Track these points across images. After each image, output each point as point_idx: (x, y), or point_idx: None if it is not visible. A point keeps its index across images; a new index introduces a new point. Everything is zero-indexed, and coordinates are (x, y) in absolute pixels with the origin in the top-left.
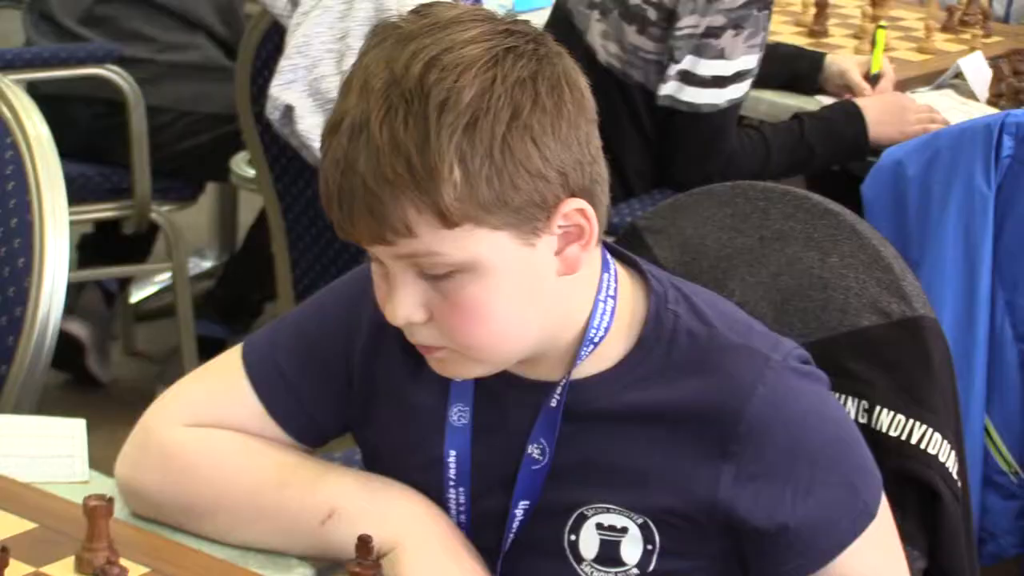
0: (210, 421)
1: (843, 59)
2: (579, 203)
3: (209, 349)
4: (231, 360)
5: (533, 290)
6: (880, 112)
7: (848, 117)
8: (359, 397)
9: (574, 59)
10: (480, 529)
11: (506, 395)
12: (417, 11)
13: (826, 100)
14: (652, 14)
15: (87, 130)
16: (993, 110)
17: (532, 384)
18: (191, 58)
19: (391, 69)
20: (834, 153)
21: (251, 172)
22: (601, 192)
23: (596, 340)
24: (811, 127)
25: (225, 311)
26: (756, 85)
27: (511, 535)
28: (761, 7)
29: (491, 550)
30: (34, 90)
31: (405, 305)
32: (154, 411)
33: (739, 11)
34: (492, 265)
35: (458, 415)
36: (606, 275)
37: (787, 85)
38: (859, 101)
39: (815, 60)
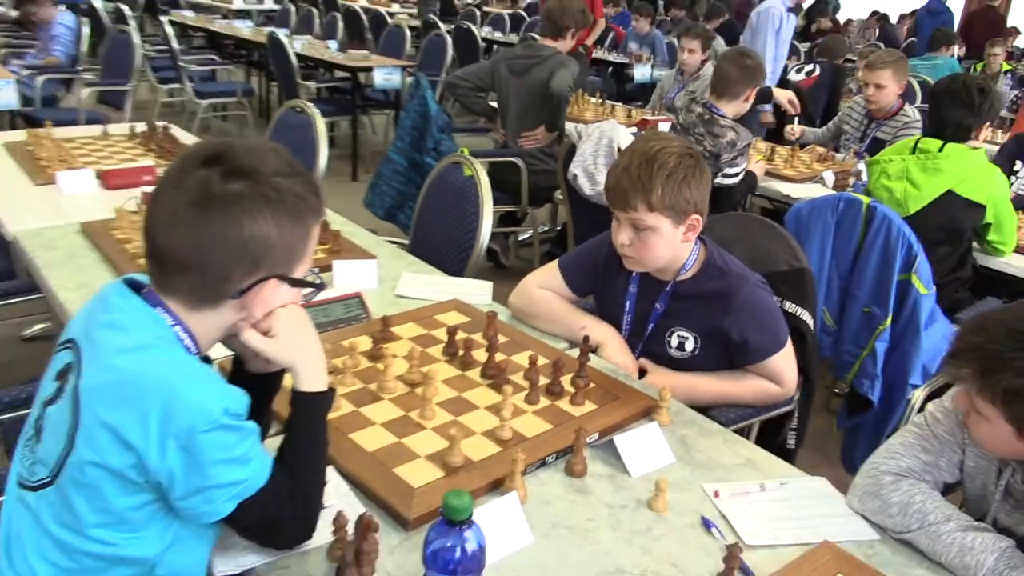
0: (545, 286)
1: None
2: (699, 217)
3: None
4: (553, 265)
5: (671, 243)
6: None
7: (748, 177)
8: (600, 279)
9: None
10: (632, 335)
11: (649, 283)
12: (647, 138)
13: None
14: (711, 157)
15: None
16: (833, 191)
17: (660, 281)
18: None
19: (642, 150)
20: (747, 188)
21: (560, 197)
22: (705, 215)
23: (687, 267)
24: (743, 180)
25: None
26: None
27: (647, 335)
28: (746, 148)
29: (636, 346)
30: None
31: (624, 235)
32: (527, 279)
33: (739, 150)
34: (661, 230)
35: (632, 287)
36: (698, 243)
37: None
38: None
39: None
